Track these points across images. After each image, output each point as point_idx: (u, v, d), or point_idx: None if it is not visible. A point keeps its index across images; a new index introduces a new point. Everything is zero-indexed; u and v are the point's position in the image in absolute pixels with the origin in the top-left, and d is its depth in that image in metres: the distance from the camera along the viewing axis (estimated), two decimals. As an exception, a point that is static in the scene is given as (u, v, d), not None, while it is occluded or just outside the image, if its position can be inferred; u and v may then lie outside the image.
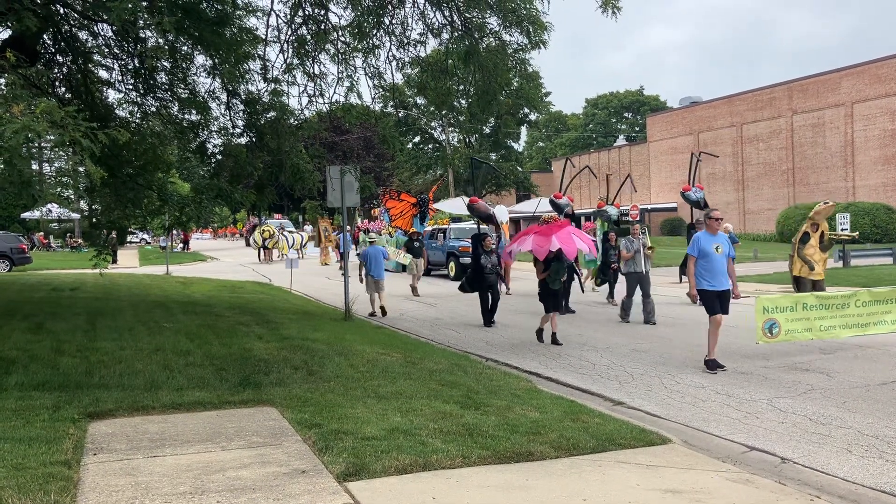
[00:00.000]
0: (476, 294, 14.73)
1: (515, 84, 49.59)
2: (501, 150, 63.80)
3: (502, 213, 21.60)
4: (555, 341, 11.75)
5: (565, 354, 11.02)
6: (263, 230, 37.72)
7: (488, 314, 14.19)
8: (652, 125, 59.17)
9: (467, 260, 24.49)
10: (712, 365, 9.44)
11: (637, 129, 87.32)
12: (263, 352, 9.33)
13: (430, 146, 64.57)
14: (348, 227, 34.96)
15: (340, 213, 15.34)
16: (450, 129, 63.02)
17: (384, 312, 15.52)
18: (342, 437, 5.72)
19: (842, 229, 24.32)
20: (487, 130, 62.85)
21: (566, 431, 6.21)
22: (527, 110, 65.20)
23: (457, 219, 31.75)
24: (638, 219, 18.83)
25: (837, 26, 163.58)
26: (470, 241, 15.89)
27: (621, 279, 16.53)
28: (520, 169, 65.96)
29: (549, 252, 11.43)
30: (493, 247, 14.52)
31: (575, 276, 15.53)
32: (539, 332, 12.17)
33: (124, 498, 4.53)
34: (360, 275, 15.87)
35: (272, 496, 4.60)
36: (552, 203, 17.24)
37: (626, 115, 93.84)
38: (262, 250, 37.85)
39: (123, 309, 13.37)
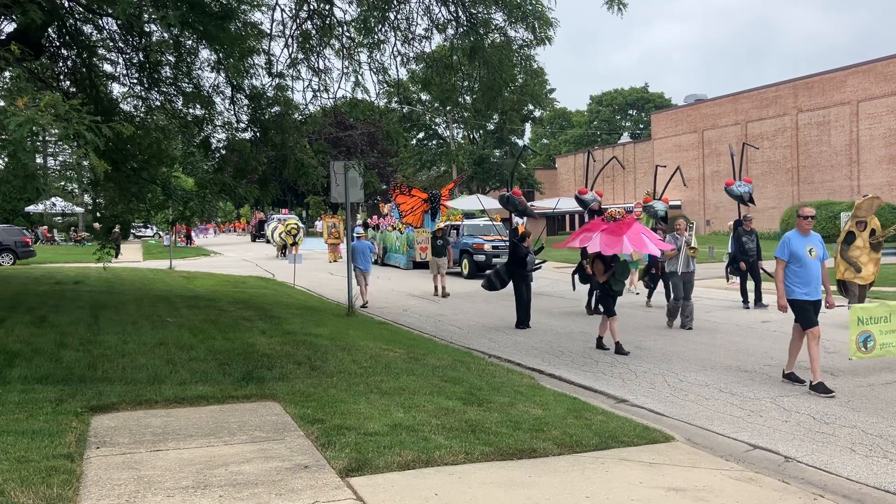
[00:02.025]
0: (483, 289, 14.68)
1: (520, 80, 49.44)
2: (505, 147, 63.72)
3: None
4: (620, 349, 10.69)
5: (568, 352, 11.01)
6: (289, 225, 35.34)
7: (526, 315, 13.52)
8: (656, 123, 59.02)
9: (482, 257, 23.96)
10: (822, 388, 8.08)
11: (641, 126, 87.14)
12: (266, 347, 9.33)
13: (434, 142, 64.54)
14: (359, 222, 34.73)
15: (344, 209, 15.30)
16: (454, 125, 62.97)
17: (364, 304, 17.04)
18: (345, 433, 5.71)
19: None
20: (492, 127, 62.77)
21: (569, 428, 6.20)
22: (531, 107, 65.09)
23: (469, 215, 31.26)
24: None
25: (845, 25, 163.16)
26: (508, 235, 14.86)
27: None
28: (524, 166, 65.84)
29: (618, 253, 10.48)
30: (531, 247, 13.96)
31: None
32: (599, 340, 11.14)
33: (127, 492, 4.53)
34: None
35: (274, 491, 4.60)
36: (577, 199, 16.00)
37: (630, 112, 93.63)
38: (284, 247, 35.83)
39: (127, 303, 13.38)
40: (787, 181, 46.23)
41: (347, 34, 12.67)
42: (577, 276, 15.42)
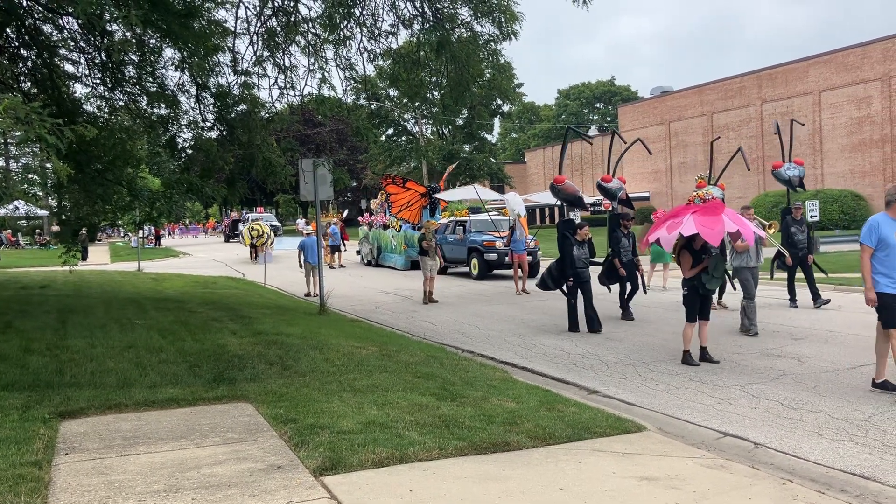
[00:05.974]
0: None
1: (488, 75, 49.51)
2: (475, 142, 63.82)
3: (516, 201, 20.40)
4: (705, 357, 9.34)
5: (540, 344, 11.06)
6: (252, 228, 33.29)
7: (579, 316, 12.23)
8: (623, 115, 59.43)
9: (493, 256, 21.67)
10: (888, 386, 7.48)
11: (609, 119, 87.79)
12: (237, 347, 9.25)
13: (403, 138, 64.42)
14: (336, 220, 33.92)
15: (314, 207, 15.21)
16: (423, 120, 62.88)
17: (308, 293, 18.49)
18: (318, 432, 5.68)
19: (811, 216, 24.38)
20: (461, 122, 62.82)
21: (542, 421, 6.23)
22: (500, 101, 65.26)
23: (476, 209, 29.71)
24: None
25: (808, 17, 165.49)
26: (557, 229, 12.86)
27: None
28: (493, 160, 65.96)
29: (723, 233, 8.80)
30: (588, 237, 12.47)
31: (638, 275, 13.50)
32: (687, 355, 9.33)
33: (97, 498, 4.47)
34: (300, 262, 18.75)
35: (248, 492, 4.57)
36: (600, 188, 14.38)
37: (597, 105, 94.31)
38: (251, 248, 34.05)
39: (94, 306, 13.19)
40: (752, 171, 46.75)
41: (313, 31, 12.59)
42: (605, 278, 13.44)
